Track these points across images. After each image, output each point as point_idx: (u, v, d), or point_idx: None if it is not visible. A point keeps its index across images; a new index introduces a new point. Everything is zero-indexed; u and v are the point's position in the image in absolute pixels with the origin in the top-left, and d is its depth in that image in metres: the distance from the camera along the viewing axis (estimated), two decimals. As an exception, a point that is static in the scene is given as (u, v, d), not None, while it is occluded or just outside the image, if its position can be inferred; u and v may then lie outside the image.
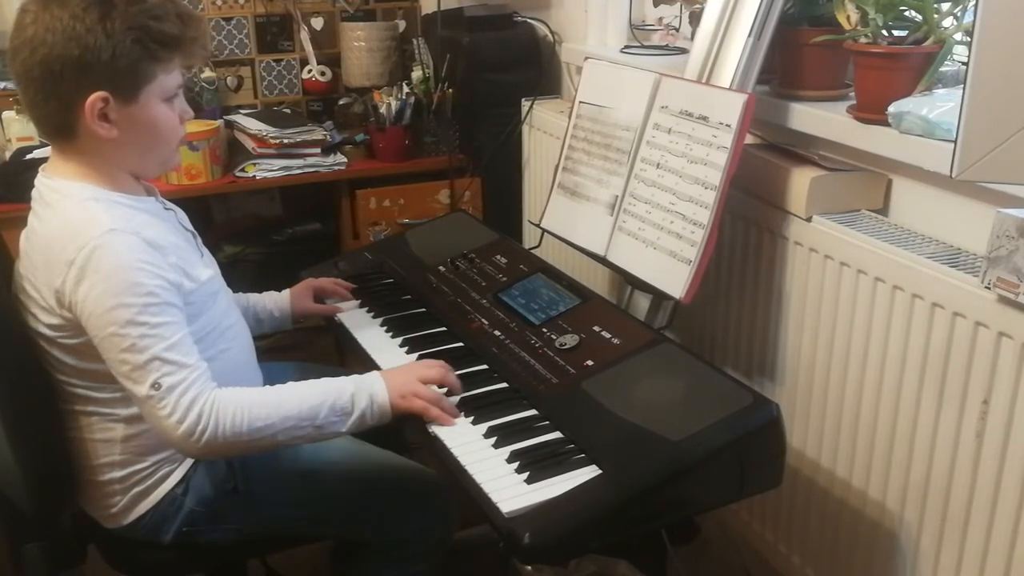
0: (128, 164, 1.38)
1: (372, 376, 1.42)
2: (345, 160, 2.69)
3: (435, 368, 1.44)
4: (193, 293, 1.36)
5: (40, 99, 1.31)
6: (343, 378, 1.40)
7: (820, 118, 1.62)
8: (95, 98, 1.28)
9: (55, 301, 1.30)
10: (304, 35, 2.98)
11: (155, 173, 1.47)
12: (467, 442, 1.35)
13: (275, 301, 1.76)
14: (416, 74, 2.77)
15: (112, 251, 1.26)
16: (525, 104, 2.55)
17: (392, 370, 1.47)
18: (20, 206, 1.43)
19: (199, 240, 1.51)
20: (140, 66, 1.30)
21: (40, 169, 1.39)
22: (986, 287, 1.25)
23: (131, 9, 1.28)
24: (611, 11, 2.45)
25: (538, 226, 1.97)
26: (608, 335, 1.52)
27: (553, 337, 1.55)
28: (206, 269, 1.44)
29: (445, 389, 1.44)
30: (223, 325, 1.45)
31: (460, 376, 1.48)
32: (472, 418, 1.40)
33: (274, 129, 2.62)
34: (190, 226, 1.51)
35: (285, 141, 2.61)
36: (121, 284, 1.25)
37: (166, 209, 1.47)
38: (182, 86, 1.39)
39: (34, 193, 1.38)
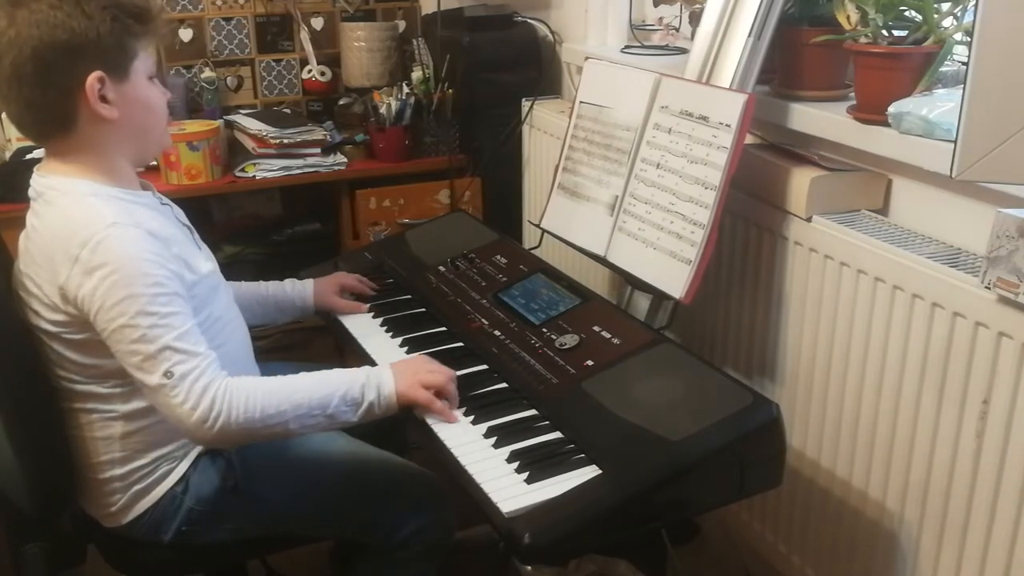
0: (128, 149, 1.39)
1: (381, 367, 1.43)
2: (345, 160, 2.69)
3: (440, 375, 1.44)
4: (196, 286, 1.37)
5: (37, 94, 1.31)
6: (354, 369, 1.42)
7: (820, 118, 1.62)
8: (93, 79, 1.30)
9: (59, 298, 1.30)
10: (304, 35, 2.98)
11: (153, 155, 1.49)
12: (467, 442, 1.35)
13: (297, 290, 1.76)
14: (416, 74, 2.77)
15: (117, 244, 1.27)
16: (525, 104, 2.55)
17: (400, 362, 1.48)
18: (20, 206, 1.43)
19: (196, 235, 1.51)
20: (124, 42, 1.33)
21: (35, 169, 1.39)
22: (986, 287, 1.25)
23: None
24: (611, 11, 2.45)
25: (538, 226, 1.97)
26: (608, 335, 1.52)
27: (553, 337, 1.55)
28: (206, 263, 1.45)
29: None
30: (223, 320, 1.46)
31: (460, 376, 1.48)
32: (472, 418, 1.40)
33: (274, 129, 2.62)
34: (187, 221, 1.52)
35: (285, 141, 2.60)
36: (129, 276, 1.26)
37: (163, 204, 1.47)
38: (159, 68, 1.42)
39: (31, 192, 1.38)
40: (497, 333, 1.61)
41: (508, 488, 1.24)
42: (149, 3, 1.36)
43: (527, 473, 1.26)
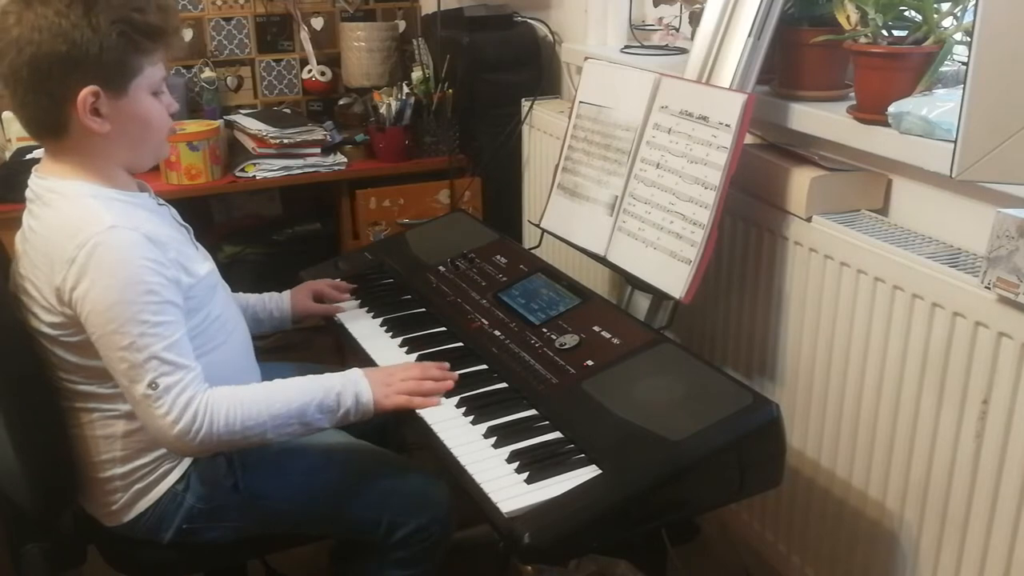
0: (121, 158, 1.38)
1: (356, 375, 1.44)
2: (345, 160, 2.69)
3: (412, 380, 1.45)
4: (193, 288, 1.37)
5: (30, 99, 1.31)
6: (329, 376, 1.42)
7: (820, 118, 1.62)
8: (86, 92, 1.28)
9: (56, 299, 1.30)
10: (304, 35, 2.98)
11: (148, 165, 1.48)
12: (467, 442, 1.35)
13: (275, 301, 1.77)
14: (416, 74, 2.77)
15: (114, 248, 1.27)
16: (525, 104, 2.55)
17: (374, 369, 1.49)
18: (20, 206, 1.43)
19: (192, 234, 1.51)
20: (127, 59, 1.31)
21: (33, 170, 1.39)
22: (986, 287, 1.25)
23: (114, 2, 1.28)
24: (611, 11, 2.45)
25: (538, 226, 1.97)
26: (608, 335, 1.52)
27: (553, 337, 1.55)
28: (204, 263, 1.45)
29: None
30: (222, 319, 1.46)
31: (460, 376, 1.48)
32: (472, 418, 1.40)
33: (274, 129, 2.62)
34: (183, 221, 1.52)
35: (285, 141, 2.61)
36: (123, 281, 1.26)
37: (159, 205, 1.47)
38: (166, 79, 1.40)
39: (28, 193, 1.38)
40: (497, 333, 1.61)
41: (508, 488, 1.24)
42: (166, 21, 1.34)
43: (527, 473, 1.26)
